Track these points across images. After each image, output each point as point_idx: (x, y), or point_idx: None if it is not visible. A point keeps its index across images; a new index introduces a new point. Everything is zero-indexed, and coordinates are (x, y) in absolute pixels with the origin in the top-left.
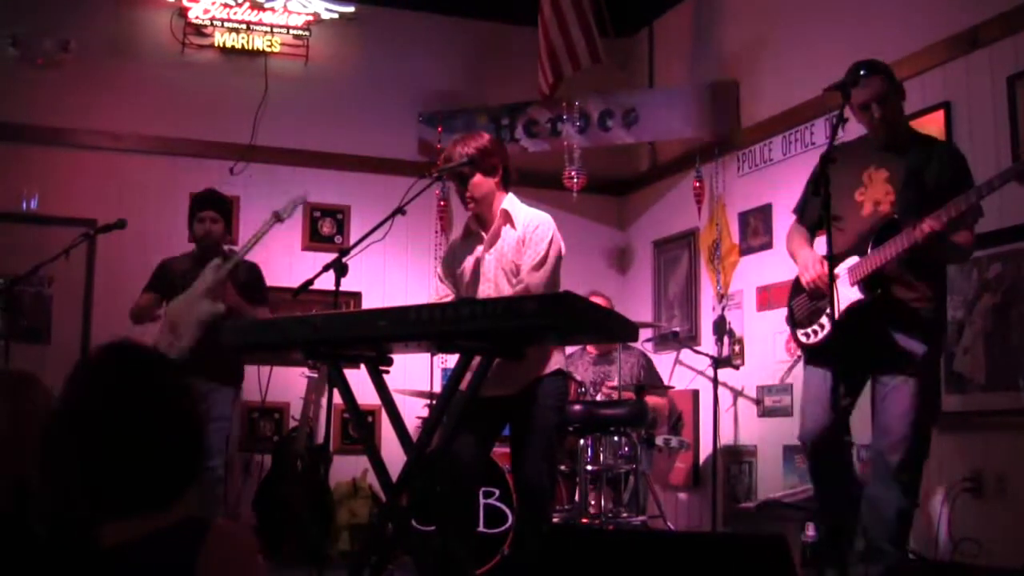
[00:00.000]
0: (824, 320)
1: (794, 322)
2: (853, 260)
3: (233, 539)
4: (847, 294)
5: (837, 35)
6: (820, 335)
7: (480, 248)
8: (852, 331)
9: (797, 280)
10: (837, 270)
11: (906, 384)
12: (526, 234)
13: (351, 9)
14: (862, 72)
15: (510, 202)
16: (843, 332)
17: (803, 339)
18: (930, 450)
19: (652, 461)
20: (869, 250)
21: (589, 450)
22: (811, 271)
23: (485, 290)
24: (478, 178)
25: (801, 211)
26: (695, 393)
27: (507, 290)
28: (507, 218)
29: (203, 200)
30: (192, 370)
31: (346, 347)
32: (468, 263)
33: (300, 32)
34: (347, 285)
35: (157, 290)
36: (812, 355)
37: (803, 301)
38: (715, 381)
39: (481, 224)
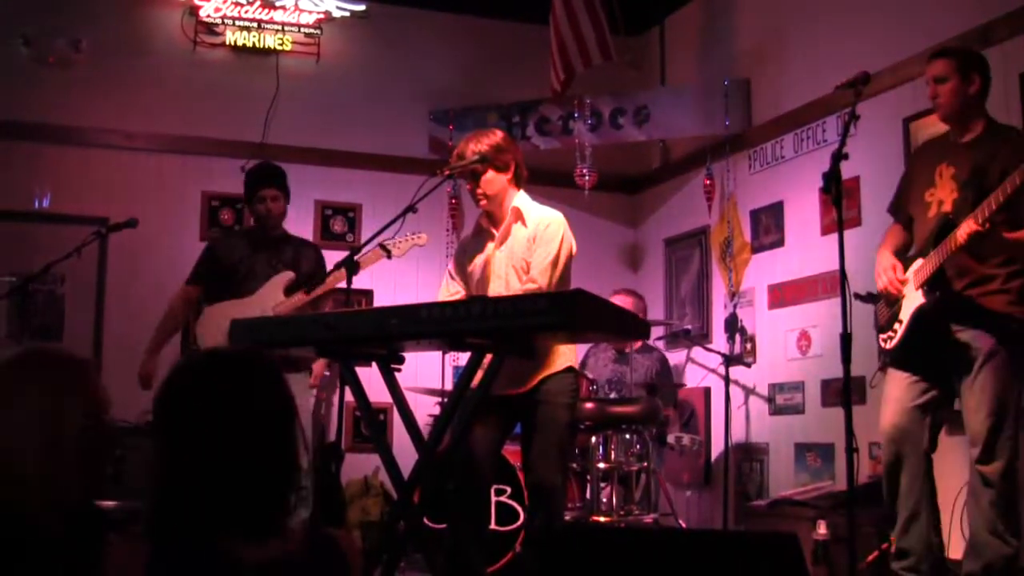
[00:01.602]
0: (897, 326)
1: (878, 327)
2: (919, 263)
3: (351, 544)
4: (914, 298)
5: (848, 32)
6: (896, 339)
7: (491, 245)
8: (924, 334)
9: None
10: (907, 274)
11: (975, 380)
12: (537, 232)
13: (362, 7)
14: (933, 54)
15: (521, 199)
16: (915, 336)
17: (882, 344)
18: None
19: (663, 459)
20: (931, 252)
21: (601, 448)
22: (883, 277)
23: (496, 288)
24: (490, 174)
25: (894, 209)
26: (707, 391)
27: (518, 288)
28: (518, 216)
29: (262, 177)
30: None
31: (358, 345)
32: (479, 260)
33: (311, 30)
34: (358, 283)
35: (203, 281)
36: (892, 359)
37: (883, 306)
38: (727, 379)
39: (492, 222)
